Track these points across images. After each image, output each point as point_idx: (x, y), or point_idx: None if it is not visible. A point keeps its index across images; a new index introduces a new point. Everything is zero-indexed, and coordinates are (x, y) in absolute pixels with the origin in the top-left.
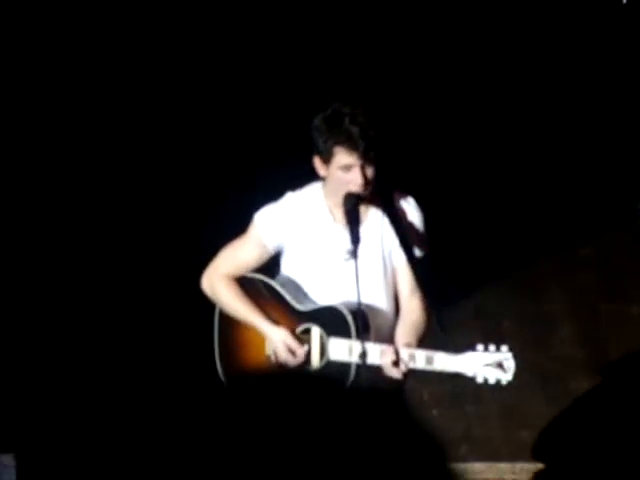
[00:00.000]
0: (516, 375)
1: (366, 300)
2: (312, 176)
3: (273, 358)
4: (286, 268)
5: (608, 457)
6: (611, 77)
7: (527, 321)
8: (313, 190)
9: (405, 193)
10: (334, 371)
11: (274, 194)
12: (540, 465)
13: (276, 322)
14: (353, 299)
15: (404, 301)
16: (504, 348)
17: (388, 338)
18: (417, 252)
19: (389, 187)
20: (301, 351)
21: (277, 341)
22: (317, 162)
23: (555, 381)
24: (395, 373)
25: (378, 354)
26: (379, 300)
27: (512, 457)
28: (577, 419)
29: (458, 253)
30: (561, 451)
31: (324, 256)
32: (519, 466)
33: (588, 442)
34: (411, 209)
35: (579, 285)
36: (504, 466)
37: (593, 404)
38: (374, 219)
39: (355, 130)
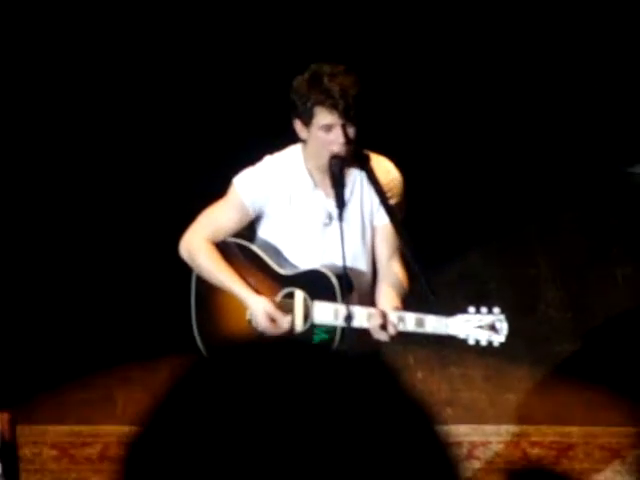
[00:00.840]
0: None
1: (348, 263)
2: (289, 140)
3: (254, 324)
4: (264, 232)
5: (590, 421)
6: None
7: (512, 284)
8: (292, 154)
9: (382, 155)
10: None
11: (252, 159)
12: (525, 428)
13: (257, 287)
14: (334, 262)
15: (384, 264)
16: (496, 310)
17: (369, 301)
18: (397, 214)
19: (366, 149)
20: (283, 320)
21: (257, 309)
22: (297, 125)
23: (540, 344)
24: (383, 336)
25: (365, 317)
26: (360, 263)
27: (497, 420)
28: (562, 383)
29: (443, 216)
30: (546, 413)
31: (305, 220)
32: (504, 429)
33: (573, 405)
34: (389, 171)
35: (564, 248)
36: (489, 429)
37: (578, 367)
38: (354, 181)
39: (335, 89)
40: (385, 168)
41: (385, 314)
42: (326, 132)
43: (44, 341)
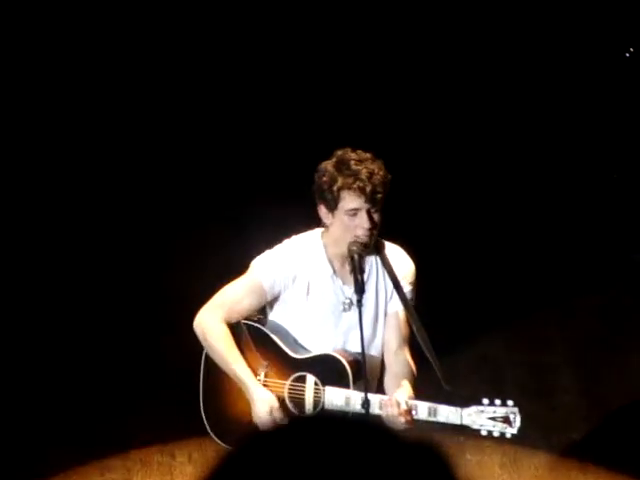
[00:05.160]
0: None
1: (359, 349)
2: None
3: (253, 414)
4: (277, 315)
5: None
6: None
7: (529, 370)
8: (312, 239)
9: (394, 244)
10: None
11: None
12: None
13: (269, 369)
14: (346, 348)
15: (393, 351)
16: (510, 402)
17: (375, 387)
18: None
19: (379, 237)
20: (282, 419)
21: (262, 401)
22: (322, 210)
23: (557, 431)
24: (397, 424)
25: (377, 405)
26: (371, 349)
27: None
28: (579, 469)
29: (461, 302)
30: None
31: (322, 307)
32: None
33: None
34: (403, 259)
35: (580, 335)
36: None
37: (594, 455)
38: (370, 268)
39: (363, 173)
40: (399, 256)
41: (399, 403)
42: (351, 217)
43: (63, 422)
